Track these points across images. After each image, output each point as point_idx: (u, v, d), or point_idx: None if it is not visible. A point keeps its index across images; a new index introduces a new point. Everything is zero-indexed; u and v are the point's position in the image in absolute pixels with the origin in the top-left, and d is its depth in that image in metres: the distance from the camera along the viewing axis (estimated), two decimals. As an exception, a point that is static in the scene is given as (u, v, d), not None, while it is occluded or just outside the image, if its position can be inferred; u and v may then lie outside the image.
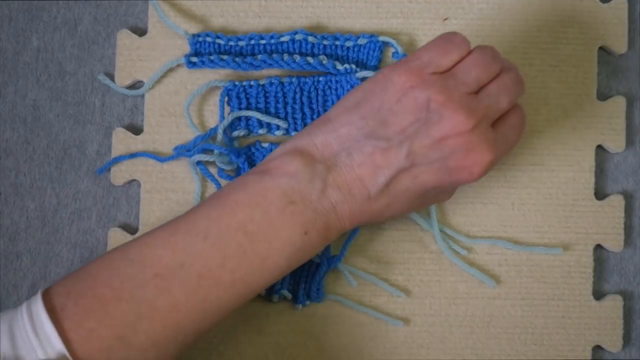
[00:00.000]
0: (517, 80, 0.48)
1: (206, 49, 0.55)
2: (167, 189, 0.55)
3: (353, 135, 0.47)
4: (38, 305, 0.42)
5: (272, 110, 0.55)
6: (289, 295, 0.54)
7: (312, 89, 0.55)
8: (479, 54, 0.47)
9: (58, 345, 0.41)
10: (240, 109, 0.55)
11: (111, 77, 0.57)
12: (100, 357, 0.41)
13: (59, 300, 0.42)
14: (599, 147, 0.57)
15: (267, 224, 0.45)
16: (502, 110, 0.47)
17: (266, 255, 0.45)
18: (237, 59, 0.55)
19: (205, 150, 0.55)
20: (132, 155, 0.56)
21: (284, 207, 0.45)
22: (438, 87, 0.45)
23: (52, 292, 0.43)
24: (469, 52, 0.47)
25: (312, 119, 0.55)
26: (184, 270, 0.44)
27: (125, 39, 0.56)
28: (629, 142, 0.57)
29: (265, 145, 0.55)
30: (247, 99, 0.55)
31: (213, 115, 0.56)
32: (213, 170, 0.55)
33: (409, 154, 0.45)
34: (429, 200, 0.50)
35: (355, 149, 0.46)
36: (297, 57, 0.54)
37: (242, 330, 0.55)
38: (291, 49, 0.55)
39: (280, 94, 0.55)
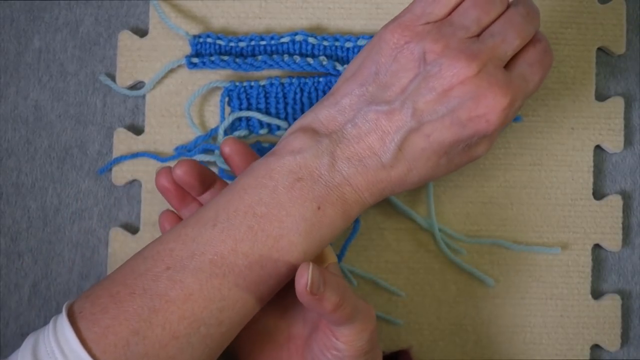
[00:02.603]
0: (527, 14, 0.44)
1: (207, 50, 0.55)
2: (168, 189, 0.56)
3: (355, 105, 0.44)
4: (62, 314, 0.42)
5: (273, 110, 0.55)
6: (290, 295, 0.54)
7: (312, 90, 0.55)
8: None
9: (76, 347, 0.40)
10: (241, 109, 0.55)
11: (112, 77, 0.57)
12: (116, 353, 0.40)
13: (78, 305, 0.42)
14: (598, 148, 0.57)
15: (275, 204, 0.43)
16: (513, 48, 0.43)
17: (278, 234, 0.43)
18: (237, 60, 0.55)
19: (206, 151, 0.55)
20: (133, 156, 0.56)
21: (291, 185, 0.43)
22: (433, 36, 0.43)
23: (76, 300, 0.43)
24: None
25: (313, 120, 0.55)
26: (195, 259, 0.42)
27: (126, 39, 0.56)
28: (627, 142, 0.57)
29: (266, 145, 0.55)
30: (248, 99, 0.55)
31: (214, 116, 0.56)
32: (214, 170, 0.55)
33: (414, 112, 0.43)
34: (459, 159, 0.46)
35: (359, 118, 0.44)
36: (298, 58, 0.55)
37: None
38: (291, 50, 0.55)
39: (280, 95, 0.55)
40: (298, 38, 0.55)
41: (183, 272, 0.42)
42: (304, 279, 0.41)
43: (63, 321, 0.41)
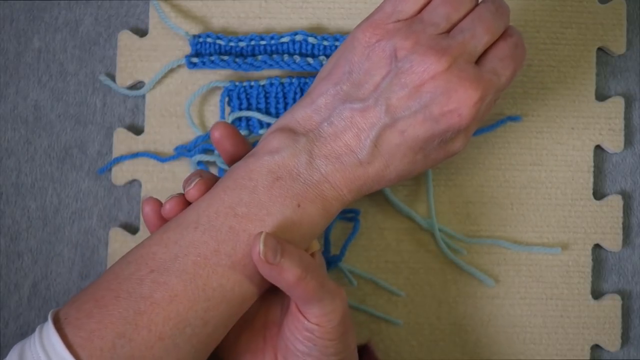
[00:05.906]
0: (496, 10, 0.45)
1: (207, 50, 0.55)
2: (168, 189, 0.56)
3: (330, 104, 0.45)
4: (48, 321, 0.42)
5: (273, 110, 0.55)
6: (289, 295, 0.54)
7: (312, 90, 0.55)
8: None
9: (62, 352, 0.40)
10: (240, 109, 0.55)
11: (112, 77, 0.57)
12: (103, 356, 0.40)
13: (63, 311, 0.42)
14: (598, 147, 0.57)
15: (256, 203, 0.43)
16: (483, 43, 0.44)
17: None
18: (237, 60, 0.55)
19: (206, 151, 0.55)
20: (133, 156, 0.56)
21: (271, 184, 0.44)
22: (403, 33, 0.44)
23: (61, 307, 0.43)
24: None
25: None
26: (179, 261, 0.42)
27: (126, 39, 0.56)
28: (628, 142, 0.57)
29: (266, 145, 0.55)
30: (248, 99, 0.55)
31: (214, 116, 0.56)
32: (214, 170, 0.55)
33: (388, 109, 0.43)
34: (436, 154, 0.46)
35: (335, 117, 0.45)
36: (298, 58, 0.55)
37: (242, 329, 0.55)
38: (291, 50, 0.55)
39: (280, 95, 0.55)
40: (298, 38, 0.55)
41: (167, 274, 0.42)
42: (257, 246, 0.41)
43: (49, 328, 0.41)
